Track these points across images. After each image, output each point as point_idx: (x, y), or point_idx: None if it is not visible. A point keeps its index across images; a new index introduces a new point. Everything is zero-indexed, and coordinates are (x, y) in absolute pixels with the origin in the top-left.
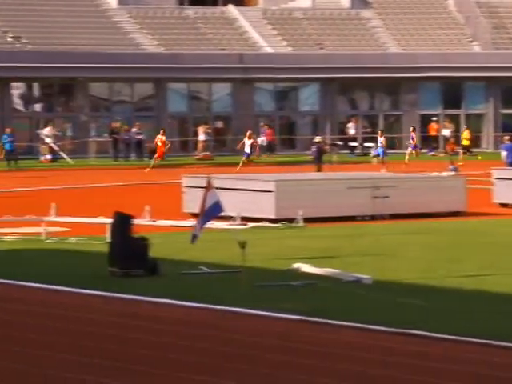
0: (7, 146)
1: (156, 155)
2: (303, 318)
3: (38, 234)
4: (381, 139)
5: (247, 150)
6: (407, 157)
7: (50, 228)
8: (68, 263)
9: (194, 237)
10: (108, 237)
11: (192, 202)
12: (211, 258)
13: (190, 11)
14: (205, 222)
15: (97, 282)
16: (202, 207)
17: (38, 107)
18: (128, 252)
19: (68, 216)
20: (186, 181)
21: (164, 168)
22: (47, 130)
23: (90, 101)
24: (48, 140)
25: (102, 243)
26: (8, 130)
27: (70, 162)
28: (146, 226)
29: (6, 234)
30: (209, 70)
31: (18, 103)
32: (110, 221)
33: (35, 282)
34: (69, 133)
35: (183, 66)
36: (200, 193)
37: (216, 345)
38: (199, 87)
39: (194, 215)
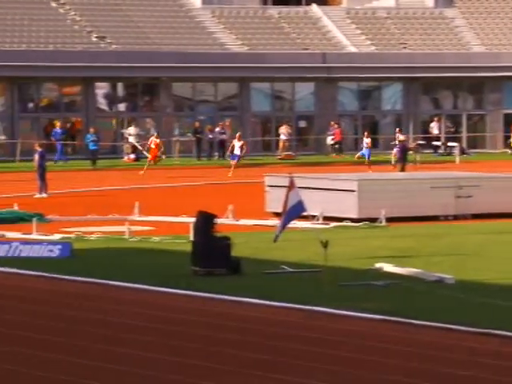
0: (90, 146)
1: (149, 157)
2: (386, 317)
3: (122, 233)
4: (367, 140)
5: (237, 152)
6: (393, 158)
7: (134, 227)
8: (151, 262)
9: (277, 236)
10: (191, 236)
11: (275, 201)
12: (293, 258)
13: (274, 11)
14: (287, 222)
15: (180, 280)
16: (284, 207)
17: (121, 107)
18: (211, 251)
19: (151, 215)
20: (268, 180)
21: (246, 167)
22: (131, 130)
23: (174, 100)
24: (132, 139)
25: (185, 242)
26: (92, 130)
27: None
28: (228, 225)
29: (90, 232)
30: (292, 70)
31: (103, 103)
32: (193, 220)
33: (120, 281)
34: (152, 132)
35: (267, 65)
36: (283, 192)
37: (303, 345)
38: (282, 87)
39: (277, 214)
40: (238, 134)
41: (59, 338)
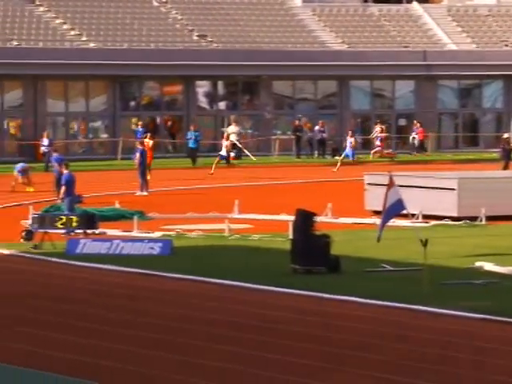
0: (190, 144)
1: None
2: (490, 317)
3: (222, 230)
4: (350, 140)
5: (223, 152)
6: (371, 157)
7: (233, 225)
8: (251, 260)
9: (379, 235)
10: (290, 234)
11: (374, 199)
12: (393, 256)
13: (374, 9)
14: (386, 220)
15: (279, 278)
16: (384, 205)
17: (222, 105)
18: (310, 249)
19: (251, 213)
20: (368, 178)
21: (346, 165)
22: (232, 128)
23: (274, 99)
24: (233, 138)
25: (284, 240)
26: (192, 128)
27: (253, 159)
28: (328, 223)
29: (190, 230)
30: (392, 68)
31: (203, 101)
32: (292, 218)
33: (220, 279)
34: (252, 130)
35: (367, 63)
36: (382, 190)
37: (411, 345)
38: (382, 85)
39: (376, 212)
40: (225, 134)
41: (167, 336)
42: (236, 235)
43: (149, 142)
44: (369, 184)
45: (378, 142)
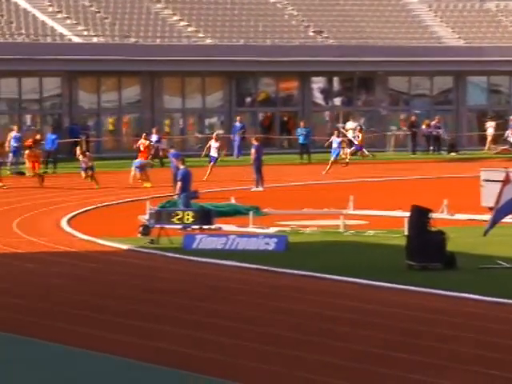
0: (301, 140)
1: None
2: None
3: (337, 226)
4: (337, 140)
5: (214, 153)
6: (348, 157)
7: (348, 221)
8: (366, 256)
9: (487, 230)
10: (406, 230)
11: (490, 196)
12: (509, 253)
13: (492, 4)
14: (502, 216)
15: (395, 275)
16: (496, 201)
17: (337, 101)
18: (426, 245)
19: (366, 209)
20: (484, 174)
21: (461, 162)
22: (349, 124)
23: (389, 95)
24: (349, 134)
25: (399, 236)
26: (302, 124)
27: (369, 155)
28: (443, 219)
29: (305, 226)
30: (509, 63)
31: (319, 97)
32: (407, 214)
33: (333, 275)
34: (365, 127)
35: (484, 59)
36: (498, 187)
37: None
38: (499, 80)
39: (492, 209)
40: (214, 135)
41: (286, 333)
42: (351, 231)
43: (145, 142)
44: (485, 180)
45: (355, 142)
